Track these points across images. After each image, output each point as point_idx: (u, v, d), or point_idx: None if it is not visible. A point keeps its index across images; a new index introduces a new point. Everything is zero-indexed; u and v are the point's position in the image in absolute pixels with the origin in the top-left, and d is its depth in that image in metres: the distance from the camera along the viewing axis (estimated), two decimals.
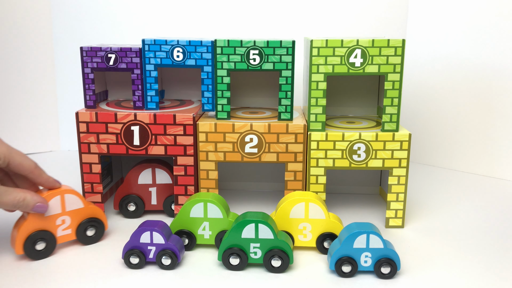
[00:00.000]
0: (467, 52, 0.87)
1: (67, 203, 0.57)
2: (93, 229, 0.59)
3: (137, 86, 0.67)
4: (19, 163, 0.53)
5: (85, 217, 0.59)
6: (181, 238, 0.57)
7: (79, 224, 0.59)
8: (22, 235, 0.55)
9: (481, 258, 0.57)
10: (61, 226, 0.57)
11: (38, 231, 0.55)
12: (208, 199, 0.57)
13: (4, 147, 0.52)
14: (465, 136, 0.90)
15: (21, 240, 0.55)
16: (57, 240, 0.57)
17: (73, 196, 0.58)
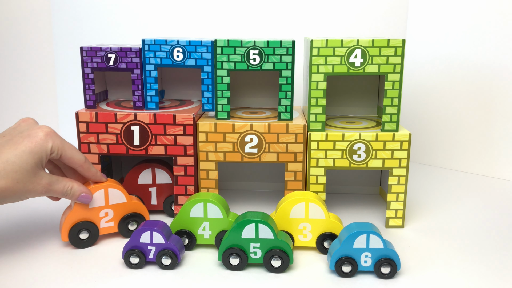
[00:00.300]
0: (467, 52, 0.87)
1: (111, 197, 0.59)
2: (134, 224, 0.61)
3: (137, 86, 0.67)
4: (70, 156, 0.55)
5: (128, 211, 0.61)
6: (181, 238, 0.57)
7: (121, 217, 0.60)
8: (67, 224, 0.58)
9: (481, 258, 0.57)
10: (104, 218, 0.60)
11: (82, 221, 0.58)
12: (208, 199, 0.57)
13: (58, 140, 0.55)
14: (465, 136, 0.90)
15: (67, 228, 0.58)
16: (100, 231, 0.60)
17: (116, 191, 0.60)
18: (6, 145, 0.52)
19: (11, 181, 0.51)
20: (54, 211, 0.70)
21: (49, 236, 0.62)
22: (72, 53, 0.96)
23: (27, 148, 0.52)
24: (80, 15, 0.95)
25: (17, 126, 0.56)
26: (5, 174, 0.50)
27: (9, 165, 0.51)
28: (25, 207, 0.70)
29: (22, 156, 0.51)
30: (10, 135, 0.54)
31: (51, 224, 0.65)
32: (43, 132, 0.54)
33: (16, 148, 0.52)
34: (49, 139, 0.53)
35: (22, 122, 0.56)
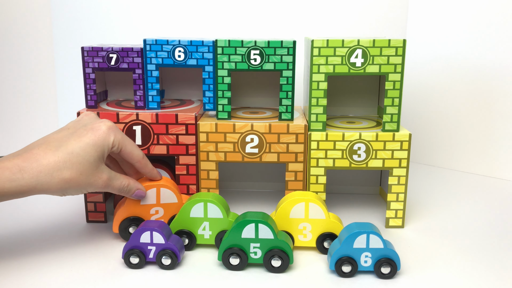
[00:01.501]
0: (467, 52, 0.87)
1: (162, 196, 0.60)
2: None
3: (138, 86, 0.67)
4: (129, 151, 0.57)
5: (176, 212, 0.61)
6: (181, 238, 0.57)
7: (171, 217, 0.61)
8: (119, 217, 0.60)
9: (481, 258, 0.57)
10: (154, 215, 0.61)
11: (133, 217, 0.60)
12: (208, 199, 0.57)
13: (119, 134, 0.56)
14: (465, 136, 0.90)
15: (118, 221, 0.60)
16: None
17: (168, 191, 0.60)
18: (71, 137, 0.53)
19: (76, 172, 0.51)
20: (54, 211, 0.70)
21: (49, 236, 0.62)
22: (72, 53, 0.96)
23: (91, 140, 0.53)
24: (80, 15, 0.95)
25: (80, 119, 0.57)
26: (71, 165, 0.51)
27: (74, 157, 0.51)
28: (25, 207, 0.70)
29: (86, 149, 0.52)
30: (74, 127, 0.55)
31: (51, 224, 0.65)
32: (105, 126, 0.54)
33: (80, 141, 0.52)
34: (111, 133, 0.54)
35: (85, 116, 0.57)
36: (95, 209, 0.66)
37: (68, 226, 0.65)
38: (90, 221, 0.67)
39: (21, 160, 0.50)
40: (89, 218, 0.66)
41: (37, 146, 0.52)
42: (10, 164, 0.50)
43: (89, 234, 0.63)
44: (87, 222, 0.66)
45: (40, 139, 0.54)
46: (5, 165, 0.49)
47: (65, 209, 0.70)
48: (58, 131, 0.55)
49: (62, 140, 0.53)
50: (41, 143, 0.53)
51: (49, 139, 0.53)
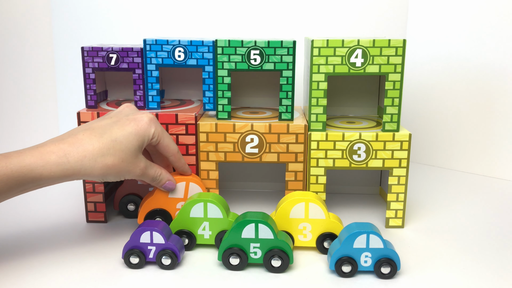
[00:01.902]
0: (467, 52, 0.87)
1: (190, 191, 0.61)
2: None
3: (138, 86, 0.67)
4: (166, 144, 0.59)
5: None
6: (181, 238, 0.57)
7: None
8: (146, 209, 0.61)
9: (481, 258, 0.57)
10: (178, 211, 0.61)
11: (159, 209, 0.61)
12: (208, 199, 0.57)
13: (159, 127, 0.58)
14: (465, 136, 0.90)
15: (144, 212, 0.61)
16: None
17: (196, 186, 0.62)
18: (115, 125, 0.55)
19: (118, 159, 0.53)
20: (54, 211, 0.70)
21: (49, 236, 0.62)
22: (72, 53, 0.96)
23: (133, 130, 0.55)
24: (80, 15, 0.95)
25: (122, 110, 0.58)
26: (114, 152, 0.53)
27: (117, 144, 0.53)
28: (25, 207, 0.70)
29: (129, 137, 0.54)
30: (117, 117, 0.57)
31: (51, 224, 0.65)
32: (147, 117, 0.56)
33: (123, 129, 0.54)
34: (152, 125, 0.56)
35: (126, 107, 0.59)
36: (95, 209, 0.66)
37: (68, 226, 0.65)
38: (90, 221, 0.67)
39: (66, 145, 0.51)
40: (89, 218, 0.66)
41: (82, 132, 0.53)
42: (56, 149, 0.51)
43: (89, 234, 0.63)
44: (87, 222, 0.66)
45: (82, 125, 0.56)
46: (51, 149, 0.51)
47: (65, 209, 0.70)
48: (101, 119, 0.57)
49: (105, 127, 0.54)
50: (85, 129, 0.54)
51: (93, 126, 0.55)
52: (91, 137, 0.53)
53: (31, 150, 0.51)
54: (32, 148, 0.51)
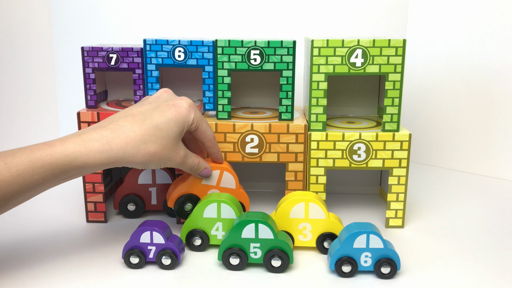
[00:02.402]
0: (467, 52, 0.87)
1: (223, 180, 0.62)
2: None
3: (138, 86, 0.67)
4: (204, 130, 0.58)
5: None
6: (194, 238, 0.58)
7: None
8: (177, 193, 0.61)
9: (481, 258, 0.57)
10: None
11: (190, 194, 0.61)
12: (222, 200, 0.57)
13: (198, 113, 0.57)
14: (465, 136, 0.90)
15: (176, 196, 0.61)
16: None
17: (230, 176, 0.62)
18: (155, 111, 0.54)
19: (160, 146, 0.53)
20: (54, 211, 0.70)
21: (49, 235, 0.62)
22: (72, 53, 0.96)
23: (174, 116, 0.54)
24: (80, 15, 0.95)
25: (160, 96, 0.57)
26: (155, 139, 0.52)
27: (158, 131, 0.53)
28: (25, 207, 0.70)
29: (169, 124, 0.53)
30: (156, 102, 0.56)
31: (51, 224, 0.65)
32: (186, 103, 0.55)
33: (164, 115, 0.54)
34: (192, 111, 0.55)
35: (164, 92, 0.58)
36: (95, 209, 0.66)
37: (68, 226, 0.65)
38: (90, 221, 0.67)
39: (109, 132, 0.51)
40: (89, 218, 0.66)
41: (123, 118, 0.53)
42: (98, 136, 0.50)
43: (89, 234, 0.63)
44: (87, 222, 0.66)
45: (122, 111, 0.55)
46: (94, 136, 0.50)
47: (65, 209, 0.70)
48: (140, 105, 0.56)
49: (146, 113, 0.54)
50: (126, 115, 0.53)
51: (133, 112, 0.54)
52: (133, 123, 0.52)
53: (74, 138, 0.50)
54: (74, 135, 0.51)
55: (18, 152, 0.48)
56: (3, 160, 0.47)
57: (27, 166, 0.48)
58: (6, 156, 0.48)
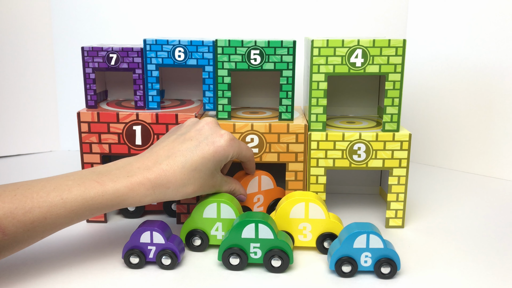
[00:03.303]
0: (467, 52, 0.87)
1: (263, 183, 0.66)
2: None
3: (138, 86, 0.67)
4: (243, 156, 0.60)
5: (274, 197, 0.67)
6: (194, 238, 0.58)
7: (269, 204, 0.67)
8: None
9: (481, 258, 0.57)
10: (256, 203, 0.66)
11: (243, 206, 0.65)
12: (222, 200, 0.57)
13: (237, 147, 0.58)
14: (465, 136, 0.90)
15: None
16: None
17: (267, 178, 0.66)
18: (195, 151, 0.55)
19: (197, 186, 0.56)
20: None
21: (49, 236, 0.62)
22: (72, 53, 0.96)
23: (212, 157, 0.56)
24: (80, 15, 0.95)
25: (202, 128, 0.58)
26: (193, 181, 0.55)
27: (197, 173, 0.55)
28: None
29: (207, 164, 0.56)
30: (197, 139, 0.57)
31: None
32: (225, 141, 0.57)
33: (203, 157, 0.55)
34: (230, 148, 0.57)
35: (206, 125, 0.58)
36: None
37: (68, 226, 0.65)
38: (90, 221, 0.67)
39: (153, 176, 0.53)
40: (89, 218, 0.66)
41: (166, 161, 0.55)
42: (145, 180, 0.53)
43: (89, 234, 0.63)
44: (87, 222, 0.66)
45: (164, 146, 0.57)
46: (141, 181, 0.53)
47: None
48: (181, 140, 0.57)
49: (186, 154, 0.55)
50: (168, 155, 0.55)
51: (175, 151, 0.55)
52: (174, 168, 0.54)
53: (124, 180, 0.53)
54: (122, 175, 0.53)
55: (73, 187, 0.50)
56: (59, 195, 0.50)
57: (80, 203, 0.50)
58: (63, 191, 0.50)
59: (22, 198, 0.48)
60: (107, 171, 0.53)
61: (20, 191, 0.49)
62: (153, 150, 0.57)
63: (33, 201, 0.48)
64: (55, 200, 0.49)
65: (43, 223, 0.49)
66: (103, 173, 0.53)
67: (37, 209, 0.48)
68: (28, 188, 0.49)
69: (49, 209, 0.49)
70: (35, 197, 0.49)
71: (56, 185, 0.50)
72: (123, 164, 0.55)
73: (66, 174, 0.53)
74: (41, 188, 0.50)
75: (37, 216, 0.48)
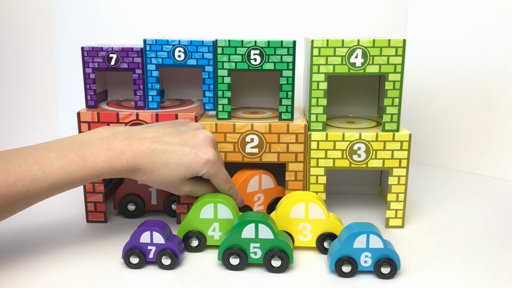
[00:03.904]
0: (467, 52, 0.87)
1: (263, 182, 0.66)
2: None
3: (138, 86, 0.67)
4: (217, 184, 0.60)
5: (274, 196, 0.67)
6: (191, 239, 0.58)
7: (269, 203, 0.67)
8: None
9: (481, 258, 0.57)
10: (257, 202, 0.66)
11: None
12: (218, 200, 0.57)
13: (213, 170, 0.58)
14: (465, 136, 0.90)
15: None
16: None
17: (267, 177, 0.67)
18: (176, 151, 0.56)
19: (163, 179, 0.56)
20: (54, 211, 0.70)
21: (49, 236, 0.62)
22: (72, 53, 0.96)
23: (188, 163, 0.56)
24: (80, 15, 0.95)
25: (198, 135, 0.58)
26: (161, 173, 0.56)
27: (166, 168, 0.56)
28: None
29: (179, 168, 0.56)
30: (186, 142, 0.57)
31: (51, 224, 0.65)
32: (205, 159, 0.57)
33: (180, 158, 0.56)
34: (205, 167, 0.57)
35: (203, 136, 0.59)
36: (95, 209, 0.66)
37: (68, 226, 0.65)
38: (90, 221, 0.67)
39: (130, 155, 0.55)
40: (89, 218, 0.66)
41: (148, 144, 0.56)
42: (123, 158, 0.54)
43: (89, 234, 0.63)
44: (87, 222, 0.66)
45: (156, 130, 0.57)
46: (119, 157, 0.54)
47: (65, 209, 0.70)
48: (175, 133, 0.58)
49: (168, 151, 0.56)
50: (153, 141, 0.56)
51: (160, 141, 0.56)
52: (152, 156, 0.55)
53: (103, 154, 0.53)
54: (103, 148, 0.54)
55: (54, 161, 0.51)
56: (41, 169, 0.50)
57: (62, 177, 0.51)
58: (44, 164, 0.51)
59: (4, 172, 0.49)
60: (89, 142, 0.54)
61: (2, 164, 0.49)
62: (144, 129, 0.58)
63: (15, 175, 0.49)
64: (37, 174, 0.50)
65: (26, 196, 0.50)
66: (84, 144, 0.54)
67: (20, 183, 0.49)
68: (10, 161, 0.50)
69: (31, 183, 0.50)
70: (17, 171, 0.49)
71: (38, 157, 0.51)
72: (106, 135, 0.56)
73: (48, 143, 0.54)
74: (23, 161, 0.50)
75: (20, 190, 0.49)
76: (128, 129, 0.58)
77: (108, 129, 0.57)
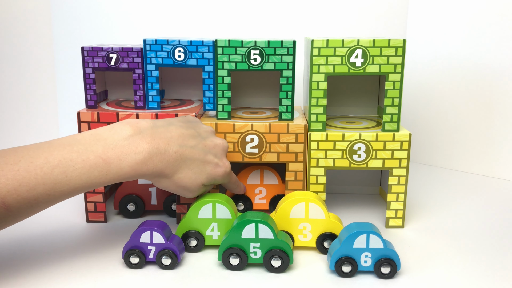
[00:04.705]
0: (467, 52, 0.87)
1: (265, 177, 0.68)
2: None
3: (138, 86, 0.67)
4: (228, 187, 0.64)
5: (277, 193, 0.69)
6: (190, 239, 0.58)
7: (272, 198, 0.69)
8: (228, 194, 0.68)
9: (481, 258, 0.57)
10: (258, 195, 0.69)
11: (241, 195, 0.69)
12: (217, 200, 0.57)
13: (227, 179, 0.61)
14: (465, 136, 0.90)
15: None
16: (253, 206, 0.69)
17: (270, 173, 0.68)
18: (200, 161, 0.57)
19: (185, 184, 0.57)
20: (54, 211, 0.70)
21: (49, 236, 0.62)
22: (72, 53, 0.96)
23: (208, 172, 0.57)
24: (80, 15, 0.95)
25: (215, 147, 0.59)
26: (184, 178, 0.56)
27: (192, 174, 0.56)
28: None
29: (201, 175, 0.57)
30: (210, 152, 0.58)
31: (51, 224, 0.65)
32: (223, 171, 0.59)
33: (202, 171, 0.57)
34: (223, 179, 0.60)
35: (222, 144, 0.60)
36: (95, 209, 0.66)
37: (68, 226, 0.65)
38: (90, 221, 0.67)
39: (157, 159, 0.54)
40: (89, 218, 0.66)
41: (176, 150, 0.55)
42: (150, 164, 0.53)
43: (89, 234, 0.63)
44: (87, 222, 0.66)
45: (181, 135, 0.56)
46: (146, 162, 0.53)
47: (65, 209, 0.70)
48: (199, 140, 0.57)
49: (196, 157, 0.56)
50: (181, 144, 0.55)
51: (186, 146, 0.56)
52: (178, 161, 0.55)
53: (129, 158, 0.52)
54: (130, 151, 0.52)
55: (77, 163, 0.49)
56: (63, 172, 0.49)
57: (84, 181, 0.50)
58: (67, 167, 0.49)
59: (25, 175, 0.47)
60: (113, 142, 0.51)
61: (22, 165, 0.47)
62: (168, 127, 0.56)
63: (37, 178, 0.47)
64: (59, 177, 0.48)
65: (47, 199, 0.49)
66: (109, 145, 0.51)
67: (41, 186, 0.48)
68: (31, 162, 0.47)
69: (53, 187, 0.48)
70: (39, 174, 0.47)
71: (59, 159, 0.49)
72: (131, 133, 0.53)
73: (68, 139, 0.51)
74: (44, 163, 0.48)
75: (41, 193, 0.48)
76: (152, 125, 0.55)
77: (133, 124, 0.53)
